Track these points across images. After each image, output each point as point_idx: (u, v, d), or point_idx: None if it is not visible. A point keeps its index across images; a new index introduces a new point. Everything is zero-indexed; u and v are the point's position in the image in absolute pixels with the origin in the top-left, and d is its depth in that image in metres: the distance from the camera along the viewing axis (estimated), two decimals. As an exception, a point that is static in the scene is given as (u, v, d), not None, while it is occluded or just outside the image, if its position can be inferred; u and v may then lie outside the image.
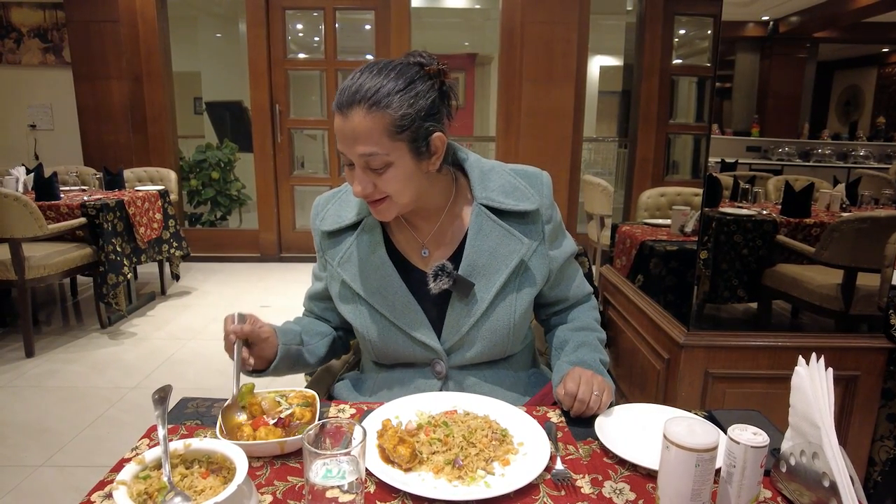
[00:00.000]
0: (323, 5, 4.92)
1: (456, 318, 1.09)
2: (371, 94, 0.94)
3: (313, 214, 1.19)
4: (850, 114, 2.18)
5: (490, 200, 1.09)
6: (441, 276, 1.05)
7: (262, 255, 5.32)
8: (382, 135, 0.95)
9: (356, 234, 1.13)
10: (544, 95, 4.76)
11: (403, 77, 0.97)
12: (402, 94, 0.95)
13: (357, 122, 0.94)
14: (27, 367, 3.00)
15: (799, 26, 2.06)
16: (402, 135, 0.96)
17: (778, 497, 0.79)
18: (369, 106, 0.94)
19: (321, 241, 1.17)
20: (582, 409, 0.98)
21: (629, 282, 2.25)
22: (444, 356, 1.11)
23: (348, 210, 1.14)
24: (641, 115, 2.43)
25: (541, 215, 1.12)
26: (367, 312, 1.11)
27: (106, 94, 4.87)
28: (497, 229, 1.09)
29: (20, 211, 2.96)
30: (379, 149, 0.95)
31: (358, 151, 0.96)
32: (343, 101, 0.95)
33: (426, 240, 1.13)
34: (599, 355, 1.13)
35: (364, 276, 1.11)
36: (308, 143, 6.16)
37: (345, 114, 0.95)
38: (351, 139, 0.96)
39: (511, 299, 1.10)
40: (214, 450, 0.77)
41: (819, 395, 0.75)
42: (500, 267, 1.08)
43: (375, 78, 0.96)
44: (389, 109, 0.94)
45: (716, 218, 1.87)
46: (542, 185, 1.14)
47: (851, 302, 1.81)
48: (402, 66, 0.99)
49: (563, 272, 1.19)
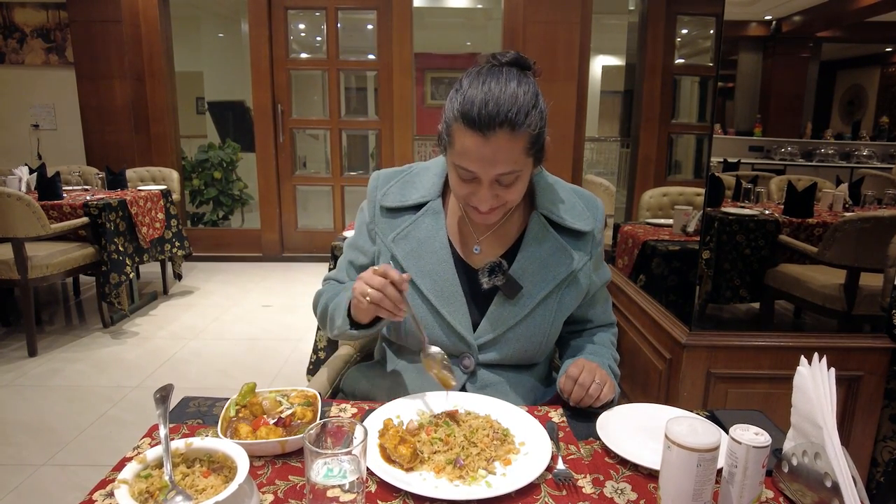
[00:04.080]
0: (325, 5, 4.92)
1: (496, 316, 1.10)
2: (513, 116, 0.92)
3: (372, 187, 1.18)
4: (853, 113, 2.17)
5: (551, 213, 1.12)
6: (496, 273, 1.07)
7: (264, 255, 5.32)
8: (521, 154, 0.96)
9: (418, 215, 1.13)
10: (546, 95, 4.64)
11: (529, 89, 0.96)
12: (535, 109, 0.95)
13: (501, 145, 0.93)
14: (30, 367, 3.01)
15: (802, 26, 2.06)
16: (534, 150, 0.98)
17: (780, 497, 0.79)
18: (512, 128, 0.92)
19: (376, 214, 1.16)
20: (581, 395, 0.99)
21: (631, 282, 2.24)
22: (476, 351, 1.11)
23: (413, 191, 1.15)
24: (644, 114, 2.42)
25: (594, 238, 1.15)
26: (412, 292, 1.11)
27: (108, 93, 4.87)
28: (552, 240, 1.11)
29: (23, 210, 2.96)
30: (516, 167, 0.96)
31: (497, 171, 0.96)
32: (483, 122, 0.92)
33: (482, 237, 1.14)
34: (609, 363, 1.14)
35: (418, 257, 1.11)
36: (310, 142, 6.17)
37: (486, 136, 0.93)
38: (491, 160, 0.94)
39: (551, 310, 1.11)
40: (216, 449, 0.77)
41: (821, 395, 0.75)
42: (549, 277, 1.10)
43: (507, 93, 0.93)
44: (529, 128, 0.94)
45: (718, 218, 1.86)
46: (597, 210, 1.17)
47: (854, 302, 1.80)
48: (516, 73, 0.98)
49: (596, 297, 1.22)
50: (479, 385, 1.11)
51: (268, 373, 3.01)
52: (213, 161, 5.96)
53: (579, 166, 5.02)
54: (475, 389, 1.10)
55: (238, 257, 5.33)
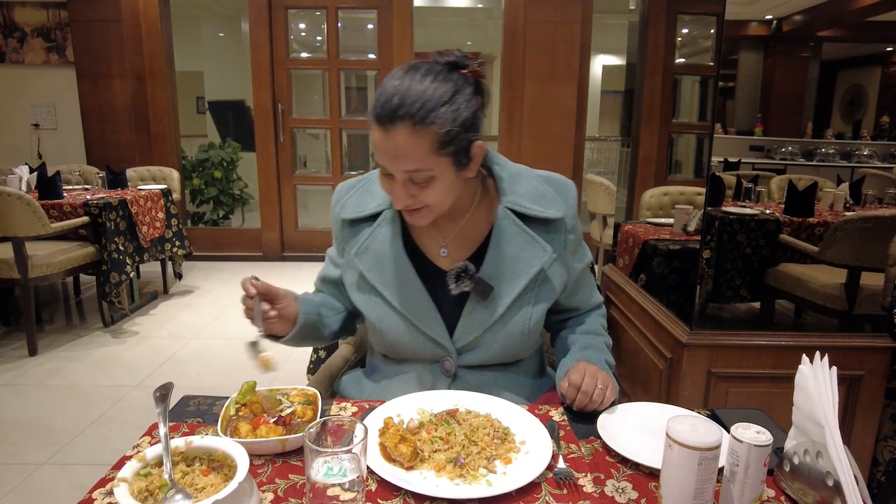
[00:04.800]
0: (325, 5, 4.92)
1: (472, 319, 1.08)
2: (416, 110, 0.89)
3: (334, 201, 1.17)
4: (854, 113, 2.17)
5: (516, 205, 1.07)
6: (462, 279, 1.04)
7: (264, 255, 5.32)
8: (428, 152, 0.92)
9: (375, 225, 1.10)
10: (547, 94, 4.76)
11: (446, 86, 0.92)
12: (446, 106, 0.91)
13: (401, 140, 0.90)
14: (30, 366, 3.01)
15: (802, 25, 2.06)
16: (447, 150, 0.93)
17: (781, 496, 0.79)
18: (414, 123, 0.89)
19: (340, 228, 1.15)
20: (585, 402, 0.98)
21: (632, 281, 2.24)
22: (454, 354, 1.10)
23: (370, 200, 1.12)
24: (644, 114, 2.42)
25: (565, 224, 1.10)
26: (381, 304, 1.10)
27: (109, 93, 4.87)
28: (521, 234, 1.07)
29: (23, 210, 2.96)
30: (423, 165, 0.93)
31: (401, 168, 0.93)
32: (384, 115, 0.90)
33: (447, 239, 1.11)
34: (605, 356, 1.13)
35: (380, 269, 1.09)
36: (310, 142, 6.16)
37: (387, 129, 0.91)
38: (393, 155, 0.92)
39: (528, 306, 1.09)
40: (215, 447, 0.77)
41: (823, 393, 0.75)
42: (521, 273, 1.07)
43: (417, 87, 0.90)
44: (435, 126, 0.90)
45: (719, 217, 1.86)
46: (567, 195, 1.12)
47: (855, 301, 1.80)
48: (441, 72, 0.94)
49: (578, 282, 1.19)
50: (464, 387, 1.09)
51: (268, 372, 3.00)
52: (214, 160, 5.95)
53: (580, 166, 5.02)
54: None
55: (238, 257, 5.33)
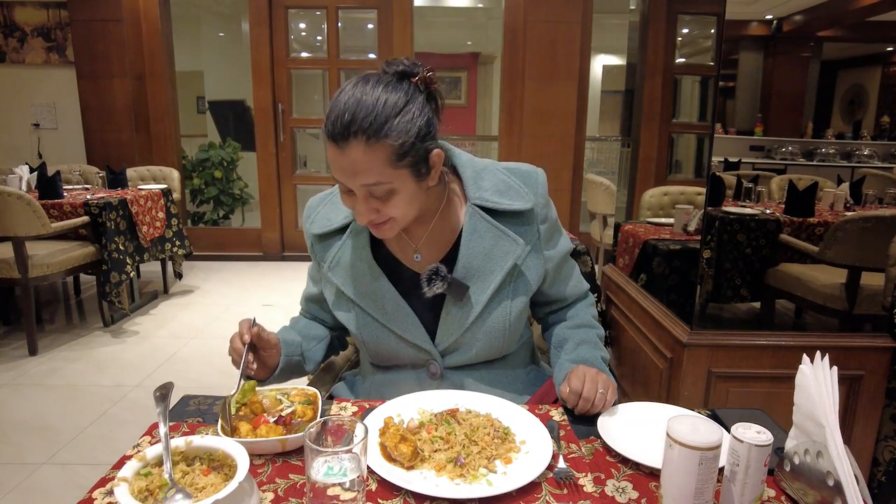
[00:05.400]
0: (325, 4, 4.91)
1: (451, 320, 1.08)
2: (367, 125, 0.87)
3: (304, 217, 1.16)
4: (854, 113, 2.17)
5: (484, 201, 1.06)
6: (435, 281, 1.04)
7: (264, 254, 5.32)
8: (384, 165, 0.90)
9: (344, 237, 1.10)
10: (547, 94, 4.76)
11: (395, 97, 0.90)
12: (398, 117, 0.89)
13: (355, 157, 0.89)
14: (30, 366, 3.01)
15: (803, 25, 2.06)
16: (403, 161, 0.91)
17: (782, 496, 0.79)
18: (367, 138, 0.87)
19: (312, 244, 1.15)
20: (587, 408, 0.98)
21: (632, 281, 2.24)
22: (439, 357, 1.10)
23: (337, 213, 1.11)
24: (644, 114, 2.42)
25: (536, 214, 1.09)
26: (360, 315, 1.10)
27: (109, 93, 4.87)
28: (491, 230, 1.06)
29: (23, 209, 2.96)
30: (381, 178, 0.91)
31: (359, 183, 0.91)
32: (336, 133, 0.88)
33: (419, 244, 1.10)
34: (600, 353, 1.13)
35: (354, 280, 1.09)
36: (311, 142, 6.17)
37: (340, 147, 0.89)
38: (350, 172, 0.91)
39: (507, 301, 1.08)
40: (216, 447, 0.77)
41: (823, 393, 0.75)
42: (495, 269, 1.06)
43: (368, 100, 0.89)
44: (388, 139, 0.88)
45: (719, 217, 1.86)
46: (536, 184, 1.10)
47: (855, 301, 1.80)
48: (391, 82, 0.92)
49: (559, 271, 1.18)
50: (454, 388, 1.09)
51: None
52: (214, 160, 5.96)
53: (580, 166, 5.02)
54: None
55: (238, 256, 5.33)
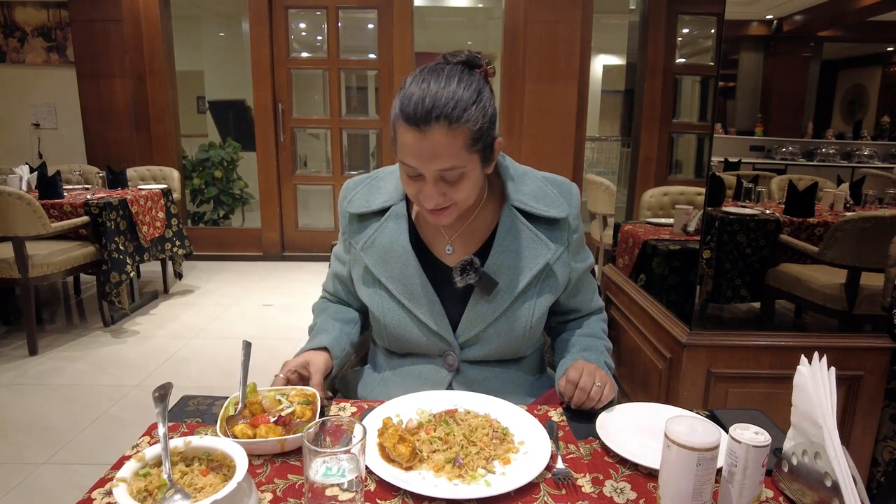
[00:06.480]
0: (326, 4, 4.92)
1: (476, 313, 1.10)
2: (451, 109, 0.92)
3: (341, 197, 1.20)
4: (855, 113, 2.17)
5: (522, 203, 1.10)
6: (468, 272, 1.06)
7: (264, 254, 5.32)
8: (462, 149, 0.94)
9: (382, 220, 1.13)
10: (547, 94, 4.76)
11: (472, 85, 0.96)
12: (476, 105, 0.94)
13: (438, 140, 0.93)
14: (30, 365, 3.01)
15: (803, 25, 2.05)
16: (477, 146, 0.96)
17: (780, 497, 0.79)
18: (450, 122, 0.92)
19: (347, 223, 1.18)
20: (583, 399, 0.99)
21: (632, 281, 2.24)
22: (458, 349, 1.12)
23: (378, 196, 1.15)
24: (645, 114, 2.42)
25: (568, 224, 1.13)
26: (386, 298, 1.13)
27: (109, 92, 4.87)
28: (526, 232, 1.10)
29: (24, 209, 2.97)
30: (457, 163, 0.95)
31: (437, 167, 0.95)
32: (419, 117, 0.92)
33: (453, 236, 1.14)
34: (605, 358, 1.14)
35: (386, 263, 1.12)
36: (311, 142, 6.17)
37: (423, 130, 0.93)
38: (429, 156, 0.94)
39: (531, 302, 1.11)
40: (215, 447, 0.77)
41: (822, 394, 0.75)
42: (525, 269, 1.10)
43: (447, 88, 0.93)
44: (468, 123, 0.93)
45: (719, 217, 1.86)
46: (571, 196, 1.15)
47: (855, 302, 1.80)
48: (464, 71, 0.98)
49: (579, 284, 1.21)
50: (466, 382, 1.12)
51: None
52: (214, 160, 5.96)
53: (580, 165, 5.02)
54: (461, 387, 1.11)
55: (239, 256, 5.33)
